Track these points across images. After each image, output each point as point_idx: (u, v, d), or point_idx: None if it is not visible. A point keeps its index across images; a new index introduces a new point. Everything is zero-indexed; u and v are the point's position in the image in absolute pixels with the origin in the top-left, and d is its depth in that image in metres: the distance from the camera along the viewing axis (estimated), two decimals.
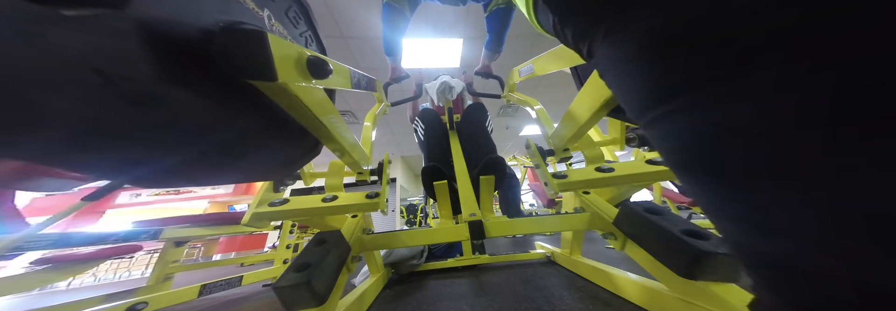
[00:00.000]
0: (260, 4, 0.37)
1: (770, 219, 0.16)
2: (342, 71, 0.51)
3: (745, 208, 0.17)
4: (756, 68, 0.15)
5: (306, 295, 0.50)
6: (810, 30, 0.13)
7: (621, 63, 0.23)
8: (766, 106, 0.15)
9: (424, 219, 4.66)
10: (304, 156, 0.51)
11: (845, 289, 0.14)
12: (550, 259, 1.24)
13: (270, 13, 0.40)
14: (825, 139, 0.14)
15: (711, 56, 0.17)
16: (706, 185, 0.20)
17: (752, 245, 0.18)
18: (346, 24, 2.34)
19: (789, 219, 0.15)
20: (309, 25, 0.54)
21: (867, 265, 0.13)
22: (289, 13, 0.47)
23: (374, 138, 1.01)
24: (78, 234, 0.96)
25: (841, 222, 0.13)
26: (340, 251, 0.67)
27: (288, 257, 1.87)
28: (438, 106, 1.57)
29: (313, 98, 0.38)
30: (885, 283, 0.13)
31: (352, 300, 0.71)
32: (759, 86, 0.15)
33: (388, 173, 0.85)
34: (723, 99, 0.17)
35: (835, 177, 0.14)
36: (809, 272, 0.15)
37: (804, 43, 0.14)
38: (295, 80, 0.33)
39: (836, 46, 0.13)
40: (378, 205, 0.70)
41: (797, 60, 0.14)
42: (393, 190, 5.86)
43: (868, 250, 0.13)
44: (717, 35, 0.17)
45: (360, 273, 1.13)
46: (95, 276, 5.12)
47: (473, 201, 0.93)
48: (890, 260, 0.13)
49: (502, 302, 0.74)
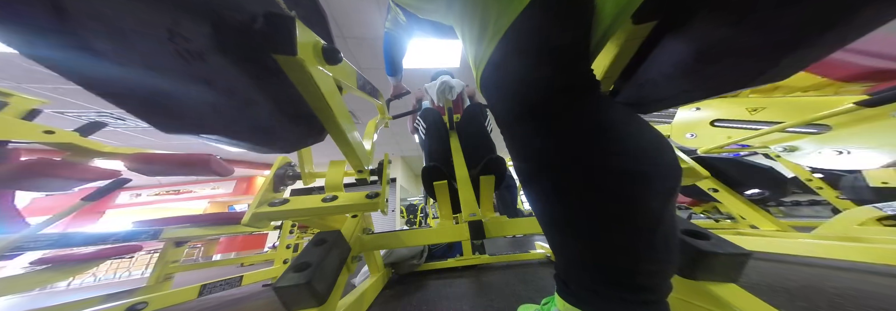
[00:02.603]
0: (290, 6, 0.48)
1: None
2: (350, 68, 0.58)
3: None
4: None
5: (306, 295, 0.50)
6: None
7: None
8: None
9: (424, 219, 4.66)
10: (308, 138, 0.56)
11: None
12: (550, 259, 1.24)
13: (296, 14, 0.48)
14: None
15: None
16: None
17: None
18: (345, 24, 2.35)
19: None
20: (324, 32, 0.61)
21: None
22: (310, 19, 0.56)
23: (375, 139, 1.01)
24: (78, 234, 0.96)
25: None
26: (340, 251, 0.67)
27: (288, 257, 1.86)
28: (438, 106, 1.56)
29: (324, 82, 0.44)
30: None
31: (352, 300, 0.71)
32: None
33: (388, 173, 0.85)
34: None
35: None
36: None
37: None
38: (311, 60, 0.40)
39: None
40: (378, 205, 0.70)
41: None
42: (393, 190, 5.86)
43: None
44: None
45: (360, 273, 1.13)
46: (95, 276, 5.12)
47: (473, 201, 0.93)
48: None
49: (502, 302, 0.74)
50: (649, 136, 0.33)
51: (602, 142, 0.31)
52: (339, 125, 0.52)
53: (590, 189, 0.31)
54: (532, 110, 0.35)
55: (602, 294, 0.31)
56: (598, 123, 0.32)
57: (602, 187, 0.30)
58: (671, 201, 0.31)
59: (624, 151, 0.31)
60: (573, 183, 0.32)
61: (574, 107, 0.33)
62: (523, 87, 0.36)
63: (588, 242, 0.32)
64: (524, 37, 0.36)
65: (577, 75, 0.35)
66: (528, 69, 0.36)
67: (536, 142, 0.35)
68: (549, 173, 0.34)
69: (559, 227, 0.35)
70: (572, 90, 0.34)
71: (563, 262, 0.36)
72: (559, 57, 0.35)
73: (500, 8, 0.38)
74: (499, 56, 0.38)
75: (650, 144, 0.32)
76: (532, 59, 0.36)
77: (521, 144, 0.37)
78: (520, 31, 0.36)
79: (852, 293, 0.64)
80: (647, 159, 0.31)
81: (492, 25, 0.39)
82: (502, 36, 0.37)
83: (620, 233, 0.30)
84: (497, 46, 0.38)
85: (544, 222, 0.37)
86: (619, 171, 0.30)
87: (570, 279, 0.35)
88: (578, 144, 0.32)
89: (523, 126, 0.36)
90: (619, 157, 0.30)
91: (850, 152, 0.99)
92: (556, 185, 0.34)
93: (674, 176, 0.32)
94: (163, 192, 6.19)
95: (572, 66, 0.35)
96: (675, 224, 0.32)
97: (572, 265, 0.35)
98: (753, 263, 0.94)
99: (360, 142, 0.68)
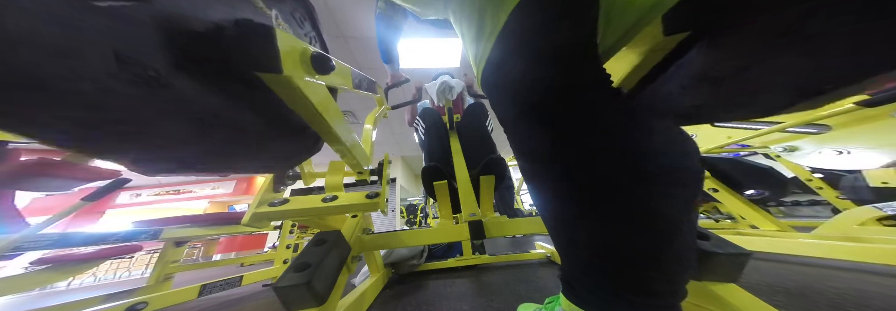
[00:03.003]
0: (269, 5, 0.40)
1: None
2: (344, 70, 0.52)
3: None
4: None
5: (306, 295, 0.50)
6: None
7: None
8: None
9: (424, 219, 4.66)
10: (304, 152, 0.53)
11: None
12: (550, 259, 1.24)
13: (278, 13, 0.42)
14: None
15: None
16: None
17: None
18: (344, 24, 2.35)
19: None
20: (313, 27, 0.56)
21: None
22: (295, 14, 0.50)
23: (374, 138, 1.01)
24: (78, 234, 0.96)
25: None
26: (340, 251, 0.67)
27: (288, 257, 1.86)
28: (438, 106, 1.56)
29: (317, 94, 0.39)
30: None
31: (352, 300, 0.71)
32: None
33: (388, 173, 0.85)
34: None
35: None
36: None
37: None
38: (299, 74, 0.34)
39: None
40: (378, 205, 0.70)
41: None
42: (393, 190, 5.86)
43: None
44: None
45: (360, 273, 1.13)
46: (95, 276, 5.12)
47: (473, 201, 0.93)
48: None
49: (502, 302, 0.74)
50: (662, 138, 0.31)
51: (604, 142, 0.30)
52: (336, 134, 0.49)
53: (590, 190, 0.30)
54: (533, 110, 0.34)
55: (611, 298, 0.30)
56: (601, 123, 0.31)
57: (603, 187, 0.30)
58: (687, 205, 0.30)
59: (628, 151, 0.29)
60: (573, 184, 0.31)
61: (576, 107, 0.32)
62: (523, 87, 0.35)
63: (591, 243, 0.31)
64: (520, 36, 0.35)
65: (580, 75, 0.33)
66: (527, 69, 0.35)
67: (537, 141, 0.34)
68: (549, 172, 0.34)
69: (563, 227, 0.35)
70: (574, 90, 0.32)
71: (567, 263, 0.35)
72: (559, 56, 0.33)
73: (494, 6, 0.37)
74: (497, 55, 0.38)
75: (663, 146, 0.30)
76: (530, 58, 0.35)
77: (523, 143, 0.37)
78: (515, 29, 0.35)
79: (852, 293, 0.64)
80: (654, 160, 0.29)
81: (488, 24, 0.38)
82: (498, 35, 0.37)
83: (625, 236, 0.29)
84: (494, 46, 0.37)
85: (548, 225, 0.37)
86: (622, 172, 0.29)
87: (575, 280, 0.34)
88: (579, 144, 0.31)
89: (524, 125, 0.36)
90: (622, 158, 0.29)
91: (850, 152, 0.99)
92: (556, 185, 0.33)
93: (687, 181, 0.30)
94: (163, 192, 6.19)
95: (574, 65, 0.33)
96: (693, 228, 0.31)
97: (576, 267, 0.34)
98: (753, 263, 0.94)
99: (357, 143, 0.67)
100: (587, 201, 0.31)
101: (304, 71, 0.36)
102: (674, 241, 0.29)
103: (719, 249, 0.46)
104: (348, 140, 0.57)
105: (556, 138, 0.32)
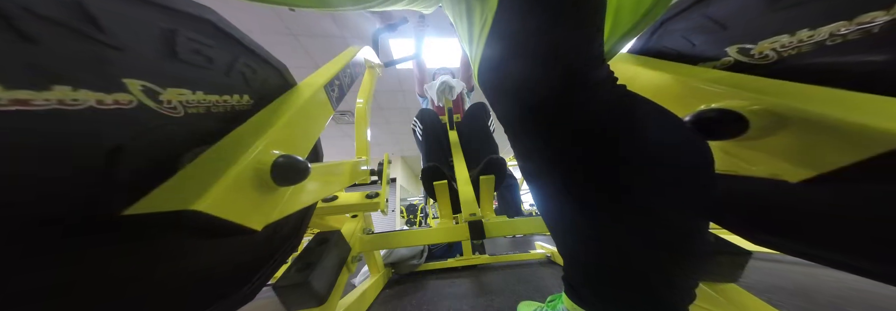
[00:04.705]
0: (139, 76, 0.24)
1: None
2: (321, 112, 0.44)
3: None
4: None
5: (306, 295, 0.50)
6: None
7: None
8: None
9: (424, 219, 4.66)
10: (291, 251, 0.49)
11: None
12: (550, 259, 1.24)
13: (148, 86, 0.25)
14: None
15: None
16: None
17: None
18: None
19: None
20: (235, 46, 0.35)
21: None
22: (186, 52, 0.29)
23: (370, 138, 0.99)
24: None
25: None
26: (340, 251, 0.67)
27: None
28: (438, 106, 1.56)
29: (300, 195, 0.35)
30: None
31: (352, 300, 0.71)
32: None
33: (387, 173, 0.85)
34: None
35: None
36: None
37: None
38: (264, 211, 0.28)
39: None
40: (378, 205, 0.70)
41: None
42: (393, 190, 5.86)
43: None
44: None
45: (360, 273, 1.13)
46: None
47: (473, 201, 0.93)
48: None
49: (502, 302, 0.74)
50: (671, 138, 0.30)
51: (605, 142, 0.29)
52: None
53: (590, 190, 0.30)
54: (531, 110, 0.33)
55: (614, 301, 0.30)
56: (602, 123, 0.30)
57: (608, 188, 0.29)
58: (694, 208, 0.28)
59: (632, 152, 0.29)
60: (576, 185, 0.31)
61: (576, 106, 0.30)
62: (518, 87, 0.34)
63: (594, 245, 0.31)
64: (509, 35, 0.34)
65: (579, 74, 0.31)
66: (520, 69, 0.34)
67: (539, 142, 0.33)
68: (551, 173, 0.33)
69: (565, 229, 0.34)
70: (573, 89, 0.31)
71: (570, 264, 0.35)
72: (553, 55, 0.32)
73: (481, 4, 0.36)
74: (489, 55, 0.36)
75: (668, 146, 0.29)
76: (523, 58, 0.33)
77: (522, 143, 0.36)
78: (504, 28, 0.34)
79: (852, 293, 0.64)
80: (655, 161, 0.28)
81: (478, 23, 0.37)
82: (488, 34, 0.35)
83: (629, 238, 0.28)
84: (486, 45, 0.36)
85: (550, 225, 0.37)
86: (628, 173, 0.28)
87: (578, 282, 0.34)
88: (580, 144, 0.30)
89: (523, 125, 0.35)
90: (628, 159, 0.28)
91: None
92: (558, 186, 0.33)
93: (697, 183, 0.29)
94: None
95: (571, 64, 0.32)
96: (701, 232, 0.29)
97: (579, 268, 0.33)
98: (753, 263, 0.94)
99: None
100: (591, 203, 0.30)
101: (267, 200, 0.28)
102: (681, 244, 0.28)
103: (719, 249, 0.46)
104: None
105: (559, 139, 0.31)
